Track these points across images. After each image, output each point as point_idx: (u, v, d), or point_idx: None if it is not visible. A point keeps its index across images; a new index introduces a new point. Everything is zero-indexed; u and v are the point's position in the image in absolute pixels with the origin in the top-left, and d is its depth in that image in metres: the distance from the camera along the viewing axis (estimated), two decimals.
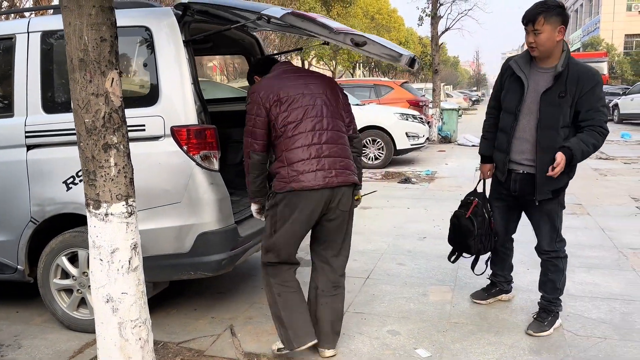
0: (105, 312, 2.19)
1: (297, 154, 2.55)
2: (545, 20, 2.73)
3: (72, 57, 2.06)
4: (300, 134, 2.57)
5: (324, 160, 2.57)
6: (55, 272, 3.16)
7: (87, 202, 2.16)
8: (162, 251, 2.95)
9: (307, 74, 2.82)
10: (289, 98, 2.61)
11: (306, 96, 2.65)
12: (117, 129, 2.13)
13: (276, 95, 2.60)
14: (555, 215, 3.01)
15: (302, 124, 2.58)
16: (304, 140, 2.57)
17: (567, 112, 2.81)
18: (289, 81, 2.69)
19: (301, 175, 2.53)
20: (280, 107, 2.59)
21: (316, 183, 2.53)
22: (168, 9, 3.06)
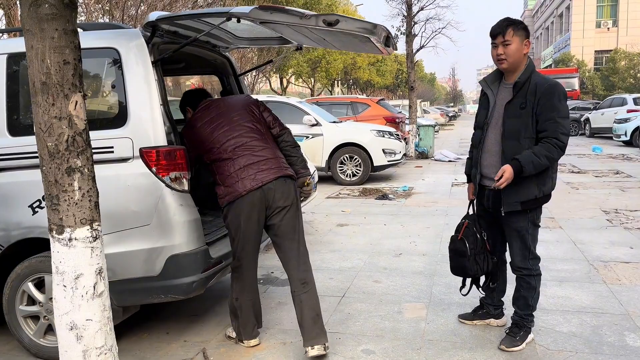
0: (69, 340, 2.13)
1: (225, 172, 2.95)
2: (514, 32, 2.85)
3: (35, 81, 2.04)
4: (225, 159, 2.96)
5: (248, 169, 2.91)
6: (21, 298, 3.08)
7: (50, 227, 2.12)
8: (132, 275, 2.90)
9: (216, 105, 3.15)
10: (209, 137, 3.00)
11: (222, 124, 3.03)
12: (81, 152, 2.10)
13: (197, 137, 3.04)
14: (526, 232, 2.98)
15: (223, 150, 2.96)
16: (228, 161, 2.95)
17: (528, 123, 2.85)
18: (207, 120, 3.06)
19: (231, 187, 2.91)
20: (206, 146, 3.00)
21: (243, 189, 2.88)
22: (136, 30, 3.06)
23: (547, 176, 2.91)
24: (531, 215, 2.98)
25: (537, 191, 2.90)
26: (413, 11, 15.57)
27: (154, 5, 11.34)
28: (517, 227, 2.99)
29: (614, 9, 43.34)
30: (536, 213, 3.01)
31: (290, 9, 2.63)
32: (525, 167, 2.78)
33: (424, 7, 15.67)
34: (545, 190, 2.93)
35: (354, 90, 41.89)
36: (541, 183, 2.90)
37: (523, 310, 3.08)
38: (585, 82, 37.22)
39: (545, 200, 2.97)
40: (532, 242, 3.02)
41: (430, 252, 5.10)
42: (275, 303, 3.88)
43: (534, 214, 2.99)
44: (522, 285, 3.07)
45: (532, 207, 2.95)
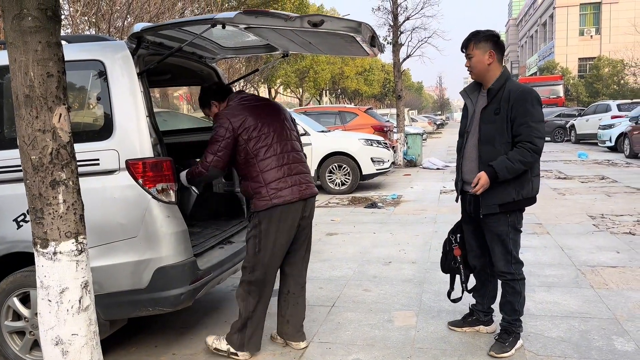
0: (54, 356, 2.11)
1: (273, 174, 2.95)
2: (475, 45, 2.99)
3: (18, 93, 2.03)
4: (272, 157, 2.98)
5: (295, 177, 3.01)
6: (6, 313, 3.03)
7: (35, 241, 2.10)
8: (119, 288, 2.87)
9: (263, 102, 3.20)
10: (257, 125, 2.99)
11: (272, 122, 3.07)
12: (65, 164, 2.09)
13: (245, 122, 2.97)
14: (507, 237, 3.00)
15: (272, 148, 2.99)
16: (276, 161, 2.99)
17: (503, 128, 2.90)
18: (255, 109, 3.07)
19: (280, 192, 2.93)
20: (251, 133, 2.96)
21: (293, 197, 2.95)
22: (122, 42, 3.05)
23: (526, 180, 2.94)
24: (511, 219, 3.00)
25: (515, 194, 2.93)
26: (399, 21, 15.72)
27: (140, 17, 11.35)
28: (498, 231, 3.01)
29: (597, 17, 44.08)
30: (516, 217, 3.02)
31: (275, 12, 2.66)
32: (500, 172, 2.85)
33: (409, 16, 15.83)
34: (524, 193, 2.95)
35: (342, 99, 42.08)
36: (519, 186, 2.93)
37: (510, 316, 3.09)
38: (570, 89, 37.72)
39: (527, 203, 3.00)
40: (514, 247, 3.04)
41: (419, 260, 5.11)
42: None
43: (514, 218, 3.01)
44: (507, 290, 3.09)
45: (511, 210, 2.97)
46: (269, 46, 3.67)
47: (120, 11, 11.05)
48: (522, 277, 3.08)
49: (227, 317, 3.82)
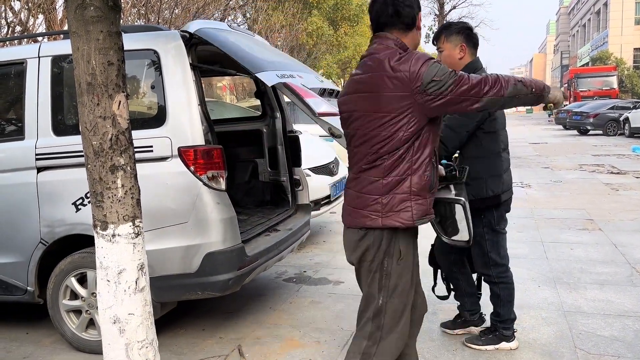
0: (112, 333, 2.19)
1: (424, 178, 2.01)
2: (445, 38, 2.85)
3: (80, 81, 2.10)
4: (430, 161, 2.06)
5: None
6: (64, 293, 3.17)
7: (95, 223, 2.18)
8: (170, 271, 2.96)
9: None
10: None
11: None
12: (124, 150, 2.16)
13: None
14: (482, 238, 2.86)
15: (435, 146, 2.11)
16: (429, 168, 2.05)
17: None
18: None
19: (427, 201, 2.03)
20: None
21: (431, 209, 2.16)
22: (175, 32, 3.12)
23: (496, 176, 2.80)
24: (486, 219, 2.86)
25: (485, 191, 2.79)
26: (445, 10, 15.42)
27: (187, 8, 11.56)
28: (475, 232, 2.81)
29: None
30: (493, 217, 2.86)
31: (307, 102, 2.90)
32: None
33: (456, 5, 15.52)
34: (496, 190, 2.80)
35: None
36: (491, 182, 2.79)
37: (494, 316, 3.01)
38: (624, 81, 36.09)
39: (495, 201, 2.82)
40: (492, 249, 2.89)
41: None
42: (309, 302, 3.90)
43: (489, 217, 2.86)
44: (490, 290, 3.00)
45: (481, 207, 2.80)
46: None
47: (168, 2, 11.29)
48: (502, 280, 2.92)
49: (271, 304, 3.88)
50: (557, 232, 5.64)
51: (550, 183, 9.06)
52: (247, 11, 18.18)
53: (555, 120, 27.69)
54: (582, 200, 7.39)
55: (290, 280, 4.41)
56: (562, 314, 3.49)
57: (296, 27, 18.25)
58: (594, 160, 12.36)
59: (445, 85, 1.89)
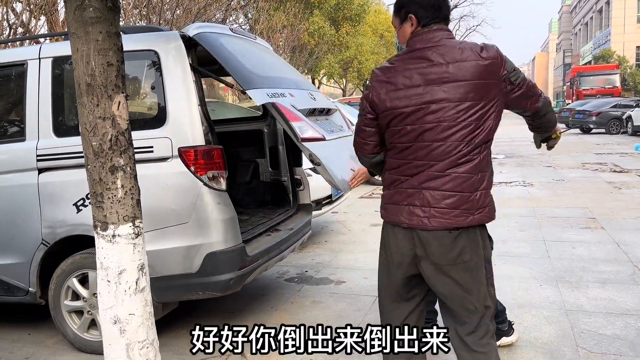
0: (112, 334, 2.20)
1: None
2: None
3: (80, 82, 2.11)
4: None
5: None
6: (66, 293, 3.18)
7: (95, 223, 2.18)
8: (171, 271, 2.96)
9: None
10: None
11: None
12: (123, 151, 2.16)
13: None
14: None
15: None
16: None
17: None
18: None
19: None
20: None
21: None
22: (175, 32, 3.12)
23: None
24: None
25: None
26: None
27: (189, 9, 11.57)
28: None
29: None
30: None
31: (292, 125, 2.93)
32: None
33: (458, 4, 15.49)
34: None
35: None
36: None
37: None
38: (627, 79, 35.96)
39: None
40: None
41: None
42: (310, 302, 3.90)
43: None
44: None
45: None
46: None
47: (170, 3, 11.30)
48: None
49: (273, 304, 3.89)
50: (559, 230, 5.63)
51: (552, 182, 9.04)
52: (248, 11, 18.19)
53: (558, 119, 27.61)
54: (584, 199, 7.37)
55: (291, 280, 4.42)
56: (564, 312, 3.48)
57: (298, 27, 18.25)
58: (596, 159, 12.33)
59: (520, 77, 1.93)
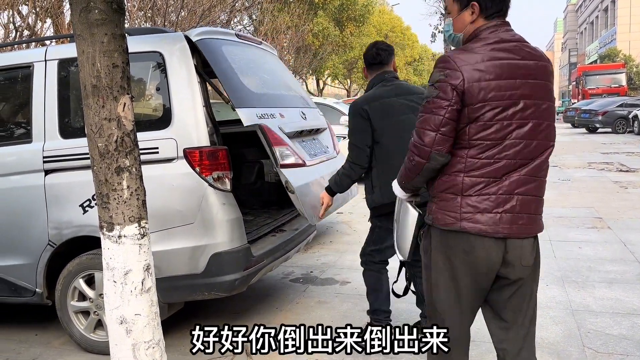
0: (119, 334, 2.21)
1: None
2: (364, 66, 3.16)
3: (86, 84, 2.12)
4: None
5: None
6: (72, 294, 3.20)
7: (101, 224, 2.20)
8: (176, 272, 2.97)
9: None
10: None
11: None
12: (129, 152, 2.17)
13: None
14: (372, 231, 3.12)
15: None
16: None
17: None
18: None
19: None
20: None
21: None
22: (180, 34, 3.14)
23: (374, 187, 2.97)
24: (375, 218, 3.09)
25: (371, 201, 3.02)
26: None
27: (193, 11, 11.61)
28: (371, 222, 3.16)
29: None
30: (379, 216, 3.03)
31: (273, 150, 3.08)
32: (333, 188, 3.01)
33: None
34: (377, 199, 2.96)
35: None
36: (370, 193, 3.02)
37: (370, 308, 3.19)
38: (633, 78, 35.78)
39: (389, 208, 2.71)
40: (375, 241, 3.11)
41: None
42: (315, 302, 3.90)
43: (378, 216, 3.05)
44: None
45: (377, 214, 3.06)
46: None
47: (175, 5, 11.34)
48: (367, 269, 3.16)
49: (278, 304, 3.89)
50: (566, 230, 5.60)
51: (558, 181, 9.00)
52: (252, 13, 18.22)
53: (564, 118, 27.51)
54: (590, 199, 7.34)
55: (296, 281, 4.42)
56: (570, 312, 3.47)
57: (302, 28, 18.27)
58: (602, 158, 12.26)
59: None
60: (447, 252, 1.87)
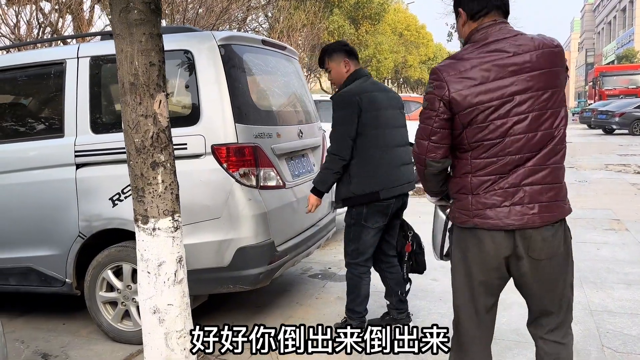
0: (152, 323, 2.29)
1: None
2: (329, 59, 3.17)
3: (124, 81, 2.20)
4: None
5: None
6: (101, 285, 3.29)
7: (136, 217, 2.28)
8: (203, 265, 3.05)
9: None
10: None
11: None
12: (164, 147, 2.25)
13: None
14: (348, 228, 3.14)
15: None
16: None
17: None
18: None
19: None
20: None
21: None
22: (209, 33, 3.21)
23: (352, 178, 3.00)
24: (354, 212, 3.09)
25: (347, 191, 3.05)
26: None
27: (211, 9, 11.71)
28: (345, 221, 3.17)
29: None
30: (360, 212, 3.06)
31: (258, 173, 3.17)
32: (318, 187, 3.08)
33: None
34: (354, 190, 3.01)
35: (404, 89, 41.50)
36: (347, 184, 3.04)
37: (346, 305, 3.21)
38: None
39: (364, 199, 3.02)
40: (354, 241, 3.11)
41: None
42: (334, 298, 3.96)
43: (357, 211, 3.08)
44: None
45: (350, 205, 3.10)
46: None
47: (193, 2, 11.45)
48: (355, 273, 3.15)
49: (298, 299, 3.96)
50: (583, 232, 5.61)
51: (575, 183, 8.97)
52: (269, 11, 18.30)
53: (580, 119, 27.25)
54: (608, 200, 7.31)
55: (315, 277, 4.49)
56: (589, 313, 3.49)
57: (317, 25, 18.31)
58: (619, 160, 12.17)
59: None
60: (463, 249, 1.95)
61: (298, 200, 3.45)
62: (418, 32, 37.10)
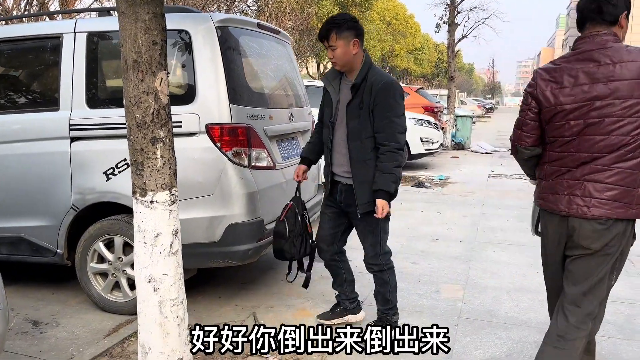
0: (147, 291, 2.39)
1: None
2: (337, 35, 2.78)
3: (127, 58, 2.27)
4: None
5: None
6: (92, 256, 3.38)
7: (134, 190, 2.37)
8: (195, 240, 3.16)
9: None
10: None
11: None
12: (164, 124, 2.34)
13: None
14: (378, 227, 2.94)
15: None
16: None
17: (367, 123, 2.81)
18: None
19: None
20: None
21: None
22: (206, 14, 3.28)
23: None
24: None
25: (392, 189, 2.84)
26: (457, 0, 15.42)
27: None
28: (371, 222, 2.92)
29: None
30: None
31: (250, 153, 3.25)
32: (390, 190, 2.79)
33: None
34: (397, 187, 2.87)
35: None
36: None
37: (383, 306, 3.12)
38: None
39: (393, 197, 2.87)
40: (383, 236, 3.00)
41: (466, 239, 5.24)
42: (319, 277, 4.10)
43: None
44: (376, 281, 3.10)
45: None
46: None
47: None
48: (389, 266, 3.06)
49: (282, 277, 4.09)
50: None
51: None
52: None
53: None
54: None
55: None
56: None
57: (307, 10, 18.27)
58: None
59: None
60: (542, 225, 2.37)
61: (287, 182, 3.56)
62: (406, 21, 37.13)
